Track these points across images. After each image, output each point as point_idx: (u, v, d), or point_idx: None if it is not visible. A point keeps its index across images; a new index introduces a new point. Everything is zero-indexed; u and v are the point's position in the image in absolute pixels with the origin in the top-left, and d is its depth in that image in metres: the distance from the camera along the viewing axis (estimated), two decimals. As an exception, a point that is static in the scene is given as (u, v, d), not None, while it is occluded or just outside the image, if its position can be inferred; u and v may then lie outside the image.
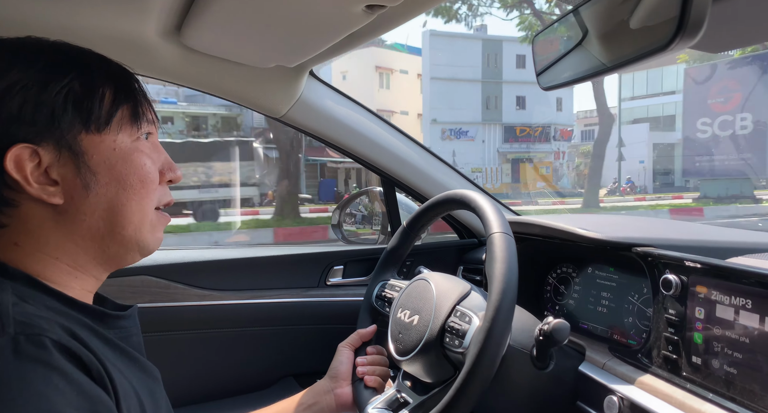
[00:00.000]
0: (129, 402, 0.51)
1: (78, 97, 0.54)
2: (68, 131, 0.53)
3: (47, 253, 0.54)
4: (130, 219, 0.57)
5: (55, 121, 0.52)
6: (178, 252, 1.31)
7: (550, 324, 0.70)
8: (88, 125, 0.54)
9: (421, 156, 1.35)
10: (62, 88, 0.53)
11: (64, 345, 0.46)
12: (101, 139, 0.55)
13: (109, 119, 0.56)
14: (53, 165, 0.53)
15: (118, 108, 0.57)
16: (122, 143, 0.57)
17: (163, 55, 0.96)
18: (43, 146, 0.52)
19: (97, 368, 0.48)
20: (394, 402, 0.83)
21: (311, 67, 1.09)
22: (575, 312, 1.06)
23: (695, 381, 0.69)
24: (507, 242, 0.71)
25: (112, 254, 0.58)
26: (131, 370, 0.55)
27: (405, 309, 0.84)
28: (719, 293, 0.68)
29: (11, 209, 0.53)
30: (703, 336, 0.69)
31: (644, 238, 0.84)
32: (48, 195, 0.53)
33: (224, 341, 1.28)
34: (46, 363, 0.43)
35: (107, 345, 0.54)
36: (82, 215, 0.55)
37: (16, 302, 0.48)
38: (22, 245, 0.53)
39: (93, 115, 0.54)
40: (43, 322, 0.47)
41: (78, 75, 0.54)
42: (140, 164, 0.58)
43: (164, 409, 0.61)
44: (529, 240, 1.12)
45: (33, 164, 0.52)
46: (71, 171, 0.54)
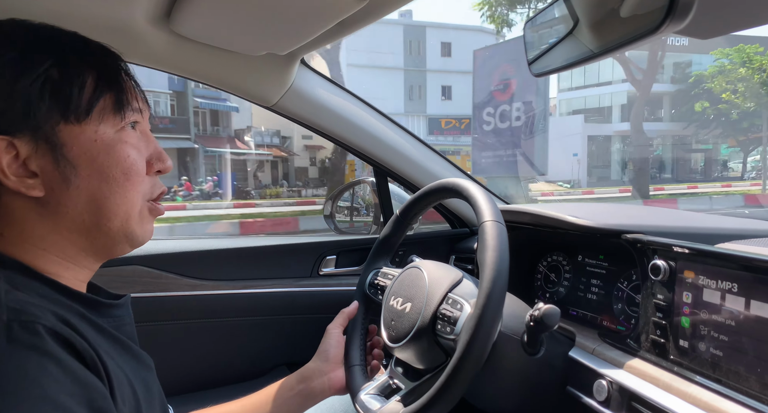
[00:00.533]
0: (122, 390, 0.51)
1: (56, 86, 0.51)
2: (45, 122, 0.51)
3: (34, 244, 0.53)
4: (116, 212, 0.55)
5: (30, 111, 0.50)
6: (170, 242, 1.31)
7: (541, 309, 0.71)
8: (66, 115, 0.52)
9: (413, 146, 1.35)
10: (38, 76, 0.50)
11: (58, 332, 0.45)
12: (81, 130, 0.53)
13: (90, 109, 0.53)
14: (31, 157, 0.51)
15: (100, 97, 0.54)
16: (104, 134, 0.54)
17: (153, 42, 0.95)
18: (19, 138, 0.50)
19: (91, 355, 0.47)
20: (386, 388, 0.84)
21: (302, 55, 1.08)
22: (565, 300, 1.07)
23: (682, 364, 0.70)
24: (498, 230, 0.72)
25: (100, 245, 0.57)
26: (124, 359, 0.55)
27: (398, 297, 0.85)
28: (706, 278, 0.69)
29: None
30: (690, 320, 0.70)
31: (634, 225, 0.85)
32: (27, 188, 0.51)
33: (217, 330, 1.29)
34: (40, 349, 0.43)
35: (100, 334, 0.53)
36: (64, 208, 0.53)
37: (8, 289, 0.47)
38: (8, 236, 0.53)
39: (72, 104, 0.52)
40: (36, 309, 0.46)
41: (56, 61, 0.52)
42: (124, 156, 0.55)
43: (157, 398, 0.60)
44: (520, 229, 1.13)
45: (10, 156, 0.50)
46: (50, 163, 0.52)
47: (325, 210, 1.55)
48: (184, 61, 1.02)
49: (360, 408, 0.81)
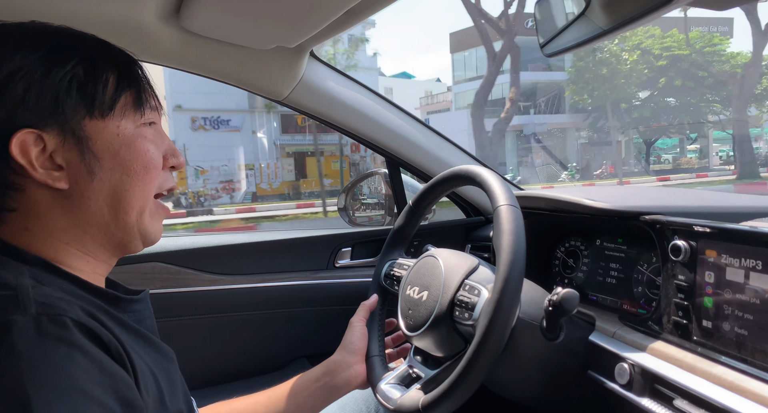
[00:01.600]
0: (146, 380, 0.52)
1: (82, 83, 0.54)
2: (72, 117, 0.53)
3: (57, 238, 0.55)
4: (133, 205, 0.58)
5: (59, 106, 0.53)
6: (187, 238, 1.32)
7: (559, 293, 0.70)
8: (91, 110, 0.54)
9: (425, 135, 1.34)
10: (66, 73, 0.53)
11: (84, 324, 0.47)
12: (105, 124, 0.56)
13: (113, 105, 0.56)
14: (58, 150, 0.53)
15: (122, 94, 0.57)
16: (125, 129, 0.57)
17: (163, 39, 0.95)
18: (48, 132, 0.52)
19: (116, 347, 0.49)
20: (406, 377, 0.84)
21: (312, 47, 1.08)
22: (584, 285, 1.06)
23: (706, 344, 0.69)
24: (514, 214, 0.71)
25: (117, 241, 0.59)
26: (146, 351, 0.56)
27: (414, 286, 0.84)
28: (729, 257, 0.67)
29: (18, 194, 0.53)
30: (714, 300, 0.69)
31: (652, 206, 0.84)
32: (53, 180, 0.53)
33: (236, 324, 1.30)
34: (68, 341, 0.44)
35: (122, 327, 0.55)
36: (86, 201, 0.55)
37: (34, 285, 0.49)
38: (33, 230, 0.54)
39: (97, 100, 0.55)
40: (63, 303, 0.48)
41: (81, 60, 0.54)
42: (144, 150, 0.58)
43: (180, 389, 0.62)
44: (536, 215, 1.12)
45: (38, 149, 0.52)
46: (76, 156, 0.54)
47: (339, 203, 1.55)
48: (194, 57, 1.02)
49: (381, 397, 0.81)
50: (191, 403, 0.66)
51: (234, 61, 1.05)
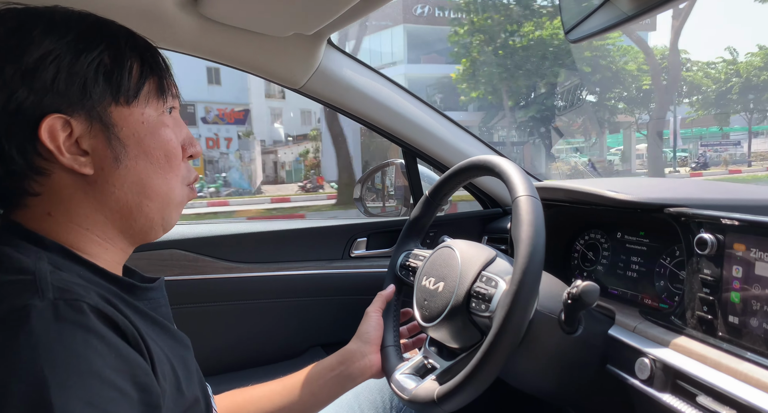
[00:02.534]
0: (163, 367, 0.52)
1: (108, 69, 0.54)
2: (99, 103, 0.54)
3: (78, 224, 0.55)
4: (157, 193, 0.58)
5: (87, 92, 0.53)
6: (205, 226, 1.33)
7: (579, 286, 0.69)
8: (117, 97, 0.55)
9: (443, 125, 1.33)
10: (93, 59, 0.53)
11: (101, 310, 0.47)
12: (130, 111, 0.56)
13: (138, 92, 0.56)
14: (84, 136, 0.53)
15: (146, 81, 0.57)
16: (149, 117, 0.57)
17: (182, 26, 0.95)
18: (76, 117, 0.53)
19: (132, 333, 0.49)
20: (421, 367, 0.84)
21: (329, 34, 1.07)
22: (604, 278, 1.04)
23: (732, 340, 0.67)
24: (534, 204, 0.69)
25: (138, 228, 0.59)
26: (162, 338, 0.57)
27: (430, 277, 0.84)
28: (759, 251, 0.65)
29: (43, 178, 0.53)
30: (741, 295, 0.67)
31: (677, 198, 0.81)
32: (79, 165, 0.53)
33: (252, 312, 1.31)
34: (85, 326, 0.45)
35: (138, 314, 0.55)
36: (111, 187, 0.56)
37: (53, 270, 0.49)
38: (55, 215, 0.55)
39: (123, 87, 0.55)
40: (80, 289, 0.48)
41: (108, 47, 0.54)
42: (166, 139, 0.58)
43: (196, 376, 0.62)
44: (555, 207, 1.10)
45: (65, 135, 0.52)
46: (102, 143, 0.54)
47: (355, 193, 1.54)
48: (212, 44, 1.02)
49: (396, 387, 0.81)
50: (207, 390, 0.67)
51: (252, 48, 1.05)
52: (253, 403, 0.82)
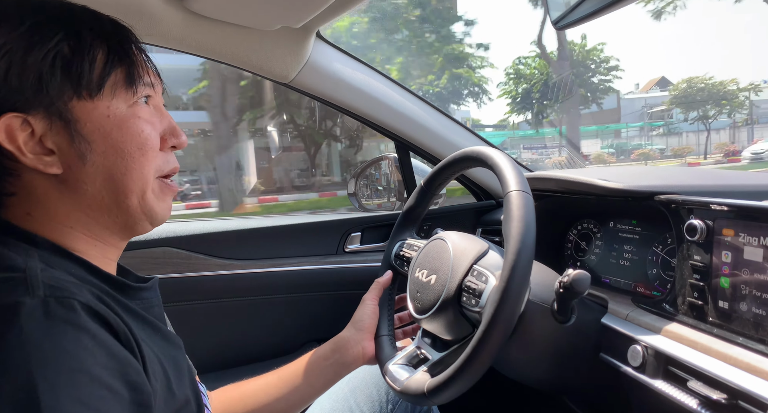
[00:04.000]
0: (154, 368, 0.52)
1: (67, 61, 0.51)
2: (58, 98, 0.51)
3: (60, 222, 0.54)
4: (132, 188, 0.55)
5: (43, 87, 0.49)
6: (197, 223, 1.32)
7: (570, 275, 0.69)
8: (78, 90, 0.51)
9: (434, 117, 1.32)
10: (49, 50, 0.50)
11: (93, 307, 0.46)
12: (94, 105, 0.52)
13: (102, 84, 0.53)
14: (47, 134, 0.51)
15: (111, 71, 0.53)
16: (117, 109, 0.54)
17: (167, 20, 0.94)
18: (33, 115, 0.50)
19: (124, 331, 0.48)
20: (414, 358, 0.84)
21: (318, 27, 1.06)
22: (597, 267, 1.04)
23: (722, 325, 0.67)
24: (525, 200, 0.69)
25: (122, 223, 0.57)
26: (153, 339, 0.56)
27: (423, 269, 0.84)
28: (747, 235, 0.65)
29: (13, 179, 0.52)
30: (730, 280, 0.67)
31: (667, 186, 0.81)
32: (44, 165, 0.51)
33: (246, 309, 1.30)
34: (76, 324, 0.44)
35: (130, 314, 0.54)
36: (83, 185, 0.53)
37: (44, 268, 0.48)
38: (35, 215, 0.53)
39: (84, 79, 0.51)
40: (72, 286, 0.47)
41: (66, 35, 0.51)
42: (137, 131, 0.55)
43: (187, 377, 0.61)
44: (547, 197, 1.10)
45: (25, 134, 0.50)
46: (65, 140, 0.51)
47: (349, 188, 1.54)
48: (199, 39, 1.01)
49: (388, 377, 0.81)
50: (198, 391, 0.66)
51: (239, 42, 1.04)
52: (249, 396, 0.82)
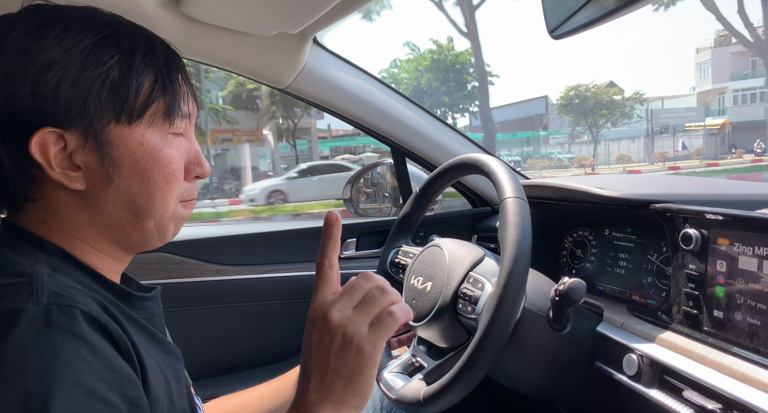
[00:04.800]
0: (157, 378, 0.51)
1: (115, 86, 0.51)
2: (98, 120, 0.51)
3: (73, 234, 0.54)
4: (152, 213, 0.56)
5: (86, 107, 0.50)
6: (192, 229, 1.32)
7: (566, 283, 0.69)
8: (119, 115, 0.52)
9: (431, 124, 1.32)
10: (101, 73, 0.50)
11: (95, 317, 0.46)
12: (130, 131, 0.53)
13: (142, 113, 0.53)
14: (78, 151, 0.51)
15: (154, 101, 0.54)
16: (151, 139, 0.54)
17: (164, 26, 0.94)
18: (71, 132, 0.50)
19: (125, 342, 0.48)
20: (410, 366, 0.83)
21: (314, 33, 1.06)
22: (592, 275, 1.04)
23: (717, 335, 0.67)
24: (520, 207, 0.69)
25: (134, 241, 0.57)
26: (155, 349, 0.56)
27: (418, 276, 0.83)
28: (742, 245, 0.65)
29: (36, 186, 0.52)
30: (725, 290, 0.67)
31: (662, 194, 0.82)
32: (69, 180, 0.51)
33: (240, 315, 1.30)
34: (75, 333, 0.44)
35: (133, 324, 0.54)
36: (103, 204, 0.54)
37: (50, 273, 0.48)
38: (50, 224, 0.53)
39: (127, 106, 0.52)
40: (76, 293, 0.47)
41: (120, 60, 0.52)
42: (166, 162, 0.55)
43: (185, 389, 0.61)
44: (544, 205, 1.10)
45: (57, 148, 0.50)
46: (95, 160, 0.52)
47: (345, 194, 1.53)
48: (195, 45, 1.01)
49: (383, 386, 0.80)
50: (194, 402, 0.66)
51: (236, 48, 1.04)
52: (242, 408, 0.81)
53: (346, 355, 0.54)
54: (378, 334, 0.54)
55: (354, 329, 0.54)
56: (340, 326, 0.54)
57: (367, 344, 0.53)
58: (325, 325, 0.55)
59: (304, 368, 0.57)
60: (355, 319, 0.54)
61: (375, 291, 0.55)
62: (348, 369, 0.53)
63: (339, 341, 0.54)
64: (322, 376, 0.54)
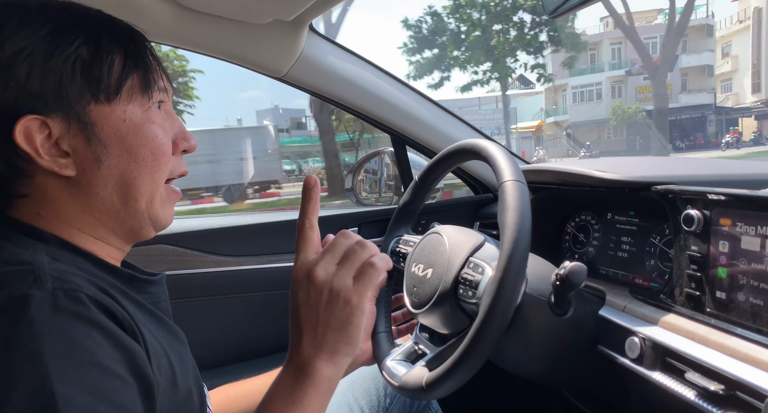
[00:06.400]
0: (159, 361, 0.52)
1: (86, 65, 0.52)
2: (77, 102, 0.51)
3: (69, 224, 0.55)
4: (142, 192, 0.56)
5: (63, 90, 0.50)
6: (192, 220, 1.32)
7: (567, 267, 0.68)
8: (97, 94, 0.52)
9: (430, 110, 1.31)
10: (69, 55, 0.51)
11: (99, 300, 0.46)
12: (111, 109, 0.53)
13: (119, 88, 0.54)
14: (63, 136, 0.51)
15: (128, 76, 0.54)
16: (133, 114, 0.55)
17: (157, 15, 0.93)
18: (53, 117, 0.51)
19: (130, 324, 0.49)
20: (412, 353, 0.83)
21: (310, 20, 1.05)
22: (595, 259, 1.04)
23: (720, 316, 0.66)
24: (519, 189, 0.69)
25: (129, 227, 0.58)
26: (160, 332, 0.56)
27: (419, 263, 0.83)
28: (744, 225, 0.64)
29: (27, 180, 0.52)
30: (728, 271, 0.66)
31: (664, 176, 0.81)
32: (60, 167, 0.52)
33: (243, 305, 1.30)
34: (85, 317, 0.44)
35: (137, 307, 0.54)
36: (95, 188, 0.54)
37: (50, 261, 0.48)
38: (45, 216, 0.54)
39: (102, 84, 0.52)
40: (78, 279, 0.47)
41: (86, 40, 0.52)
42: (152, 136, 0.56)
43: (191, 371, 0.61)
44: (544, 189, 1.09)
45: (43, 136, 0.51)
46: (82, 143, 0.52)
47: (346, 183, 1.53)
48: (190, 34, 1.00)
49: (386, 374, 0.80)
50: (202, 387, 0.66)
51: (231, 37, 1.02)
52: (245, 396, 0.81)
53: (334, 308, 0.58)
54: (363, 285, 0.59)
55: (340, 283, 0.58)
56: (326, 282, 0.58)
57: (354, 295, 0.59)
58: (311, 283, 0.59)
59: (294, 325, 0.61)
60: (339, 274, 0.59)
61: (355, 246, 0.60)
62: (338, 320, 0.58)
63: (326, 296, 0.58)
64: (314, 330, 0.59)
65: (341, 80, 1.19)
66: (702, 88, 30.05)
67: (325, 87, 1.20)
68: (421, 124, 1.30)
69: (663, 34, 22.21)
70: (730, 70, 32.33)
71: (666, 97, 22.14)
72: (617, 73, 30.48)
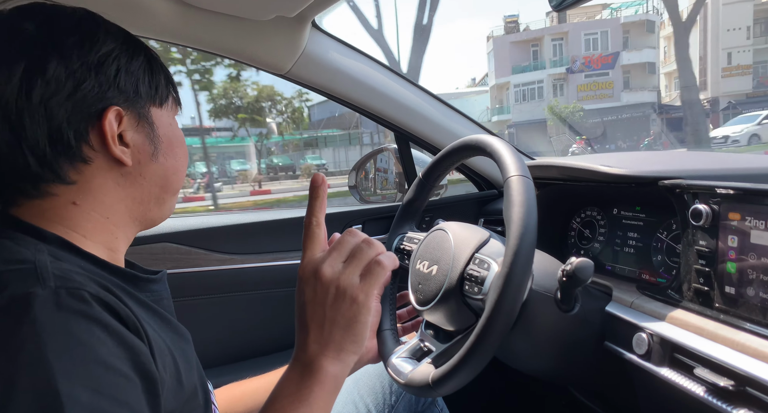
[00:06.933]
0: (164, 358, 0.52)
1: (150, 72, 0.60)
2: (145, 102, 0.59)
3: (100, 213, 0.57)
4: (176, 187, 0.63)
5: (138, 91, 0.58)
6: (196, 218, 1.32)
7: (573, 263, 0.68)
8: (155, 98, 0.60)
9: (434, 107, 1.30)
10: (141, 62, 0.59)
11: (102, 298, 0.47)
12: (162, 113, 0.61)
13: (167, 97, 0.62)
14: (128, 130, 0.57)
15: (170, 88, 0.63)
16: (173, 120, 0.63)
17: (160, 12, 0.93)
18: (127, 113, 0.57)
19: (133, 322, 0.49)
20: (418, 351, 0.83)
21: (313, 16, 1.04)
22: (601, 255, 1.03)
23: (729, 311, 0.66)
24: (525, 185, 0.68)
25: (151, 216, 0.63)
26: (164, 330, 0.56)
27: (424, 260, 0.83)
28: (754, 219, 0.64)
29: (84, 166, 0.55)
30: (737, 265, 0.66)
31: (671, 170, 0.80)
32: (124, 155, 0.57)
33: (248, 303, 1.30)
34: (88, 315, 0.44)
35: (140, 305, 0.55)
36: (141, 180, 0.59)
37: (52, 260, 0.49)
38: (81, 204, 0.56)
39: (159, 90, 0.61)
40: (80, 277, 0.48)
41: (146, 53, 0.60)
42: (183, 141, 0.64)
43: (195, 369, 0.62)
44: (550, 185, 1.09)
45: (115, 127, 0.56)
46: (143, 138, 0.58)
47: (350, 180, 1.53)
48: (192, 31, 1.00)
49: (392, 371, 0.80)
50: (206, 383, 0.66)
51: (233, 33, 1.02)
52: (251, 395, 0.81)
53: (341, 306, 0.59)
54: (369, 283, 0.60)
55: (346, 281, 0.59)
56: (333, 280, 0.59)
57: (360, 293, 0.59)
58: (318, 280, 0.60)
59: (300, 323, 0.62)
60: (346, 272, 0.60)
61: (362, 245, 0.61)
62: (344, 318, 0.59)
63: (333, 293, 0.59)
64: (320, 328, 0.59)
65: (345, 77, 1.19)
66: (644, 87, 29.19)
67: (329, 84, 1.19)
68: (424, 120, 1.29)
69: (605, 29, 21.29)
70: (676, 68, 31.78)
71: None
72: (559, 71, 29.63)
